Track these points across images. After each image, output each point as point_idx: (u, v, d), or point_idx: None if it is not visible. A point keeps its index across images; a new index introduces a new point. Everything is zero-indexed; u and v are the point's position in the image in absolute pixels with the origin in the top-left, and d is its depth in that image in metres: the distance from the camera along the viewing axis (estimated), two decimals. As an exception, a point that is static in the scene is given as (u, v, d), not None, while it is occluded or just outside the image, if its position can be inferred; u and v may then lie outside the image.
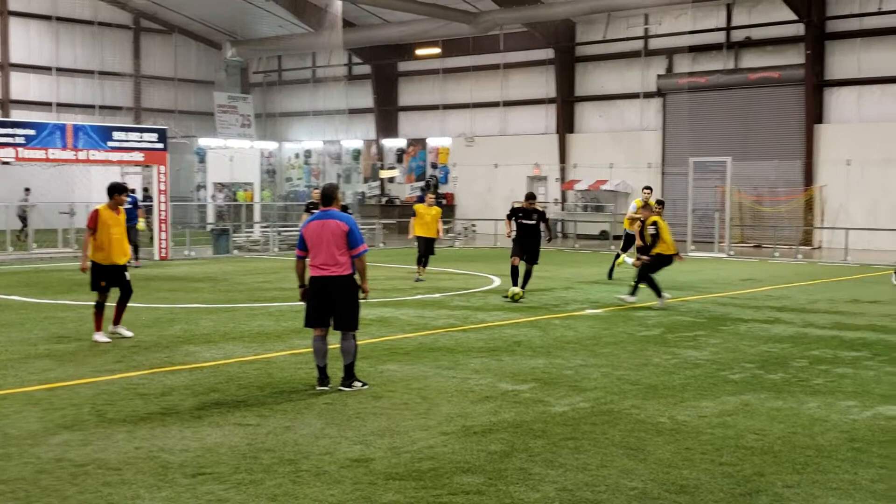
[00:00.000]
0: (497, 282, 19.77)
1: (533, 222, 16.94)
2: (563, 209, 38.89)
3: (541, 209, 17.51)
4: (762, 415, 8.17)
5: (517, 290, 16.35)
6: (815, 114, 32.71)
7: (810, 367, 10.42)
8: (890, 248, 26.88)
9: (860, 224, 29.61)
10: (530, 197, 17.27)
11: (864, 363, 10.72)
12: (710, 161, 30.99)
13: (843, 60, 32.55)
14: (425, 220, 20.08)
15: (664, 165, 36.37)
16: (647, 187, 20.32)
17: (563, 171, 39.32)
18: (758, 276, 20.84)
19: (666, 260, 16.01)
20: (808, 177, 32.64)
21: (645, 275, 15.74)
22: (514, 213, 17.12)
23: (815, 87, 32.57)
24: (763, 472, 6.46)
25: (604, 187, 36.86)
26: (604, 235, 35.92)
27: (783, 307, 15.80)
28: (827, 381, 9.69)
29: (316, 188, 23.35)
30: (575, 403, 8.53)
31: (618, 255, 20.38)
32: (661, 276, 16.07)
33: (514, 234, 17.01)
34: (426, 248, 20.03)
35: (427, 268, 20.10)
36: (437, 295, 17.31)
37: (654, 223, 15.80)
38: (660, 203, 18.11)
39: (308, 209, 19.37)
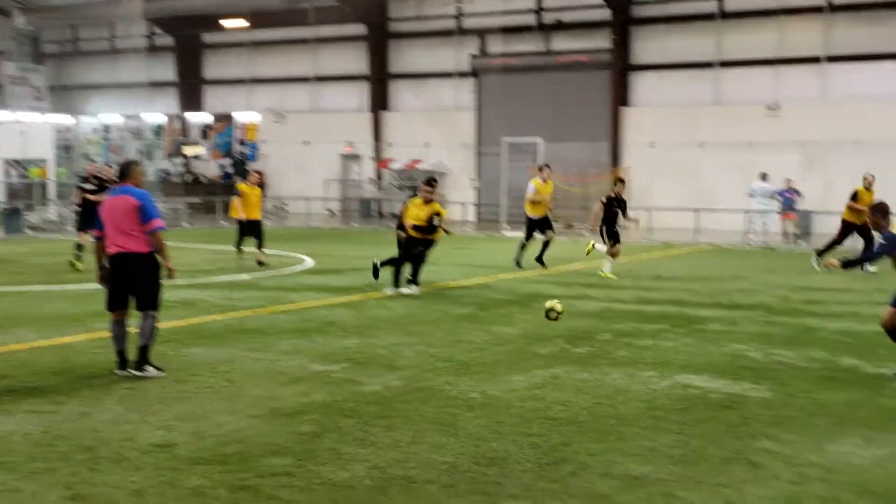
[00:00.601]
0: (309, 262, 19.64)
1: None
2: (378, 189, 39.04)
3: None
4: (569, 387, 8.53)
5: None
6: (621, 97, 34.27)
7: (615, 340, 10.96)
8: (690, 226, 28.52)
9: (664, 204, 31.26)
10: (430, 182, 15.45)
11: (664, 335, 11.37)
12: (523, 142, 31.91)
13: (647, 45, 34.21)
14: (251, 200, 18.88)
15: (479, 145, 37.13)
16: (546, 165, 20.19)
17: (377, 149, 39.46)
18: (568, 255, 21.66)
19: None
20: (615, 158, 34.18)
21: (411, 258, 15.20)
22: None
23: (620, 70, 34.10)
24: (569, 442, 6.76)
25: (419, 167, 37.24)
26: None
27: (591, 284, 16.50)
28: (630, 353, 10.22)
29: (95, 164, 22.15)
30: (387, 382, 8.63)
31: (523, 245, 19.23)
32: (476, 257, 16.42)
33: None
34: (251, 231, 18.82)
35: (261, 250, 18.69)
36: (247, 276, 17.04)
37: (438, 213, 15.22)
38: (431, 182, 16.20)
39: (83, 187, 17.87)
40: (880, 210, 9.19)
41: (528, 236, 19.42)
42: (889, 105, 29.75)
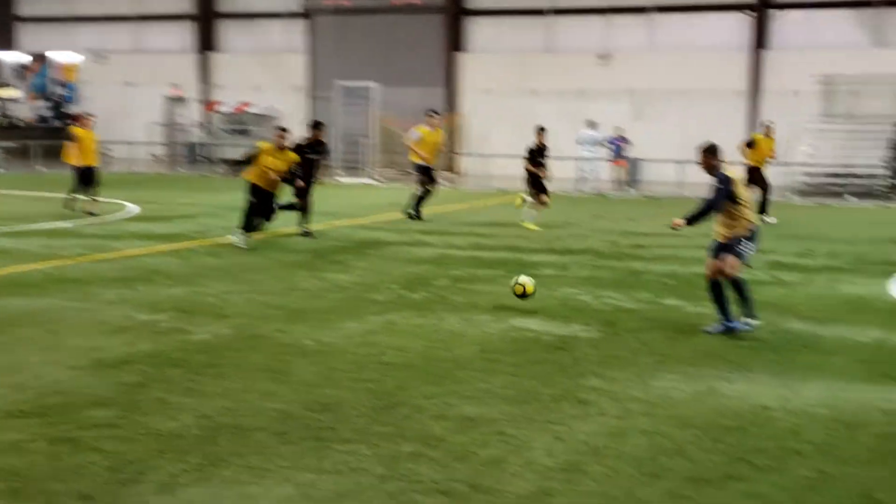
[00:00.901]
0: (133, 209, 18.97)
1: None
2: (206, 133, 37.93)
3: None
4: (405, 332, 8.61)
5: None
6: (456, 42, 34.41)
7: (451, 286, 11.12)
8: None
9: (501, 151, 31.75)
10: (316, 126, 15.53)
11: (500, 280, 11.61)
12: (357, 86, 31.63)
13: (481, -10, 34.40)
14: (86, 144, 18.00)
15: (313, 89, 36.57)
16: (434, 111, 19.38)
17: (204, 92, 38.27)
18: (404, 201, 21.73)
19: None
20: (451, 104, 34.38)
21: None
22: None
23: (454, 15, 34.20)
24: (404, 386, 6.83)
25: (249, 110, 36.37)
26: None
27: (428, 230, 16.64)
28: (465, 298, 10.39)
29: None
30: (217, 331, 8.47)
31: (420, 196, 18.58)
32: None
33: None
34: (87, 178, 17.99)
35: (94, 199, 18.01)
36: (68, 223, 16.31)
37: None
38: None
39: None
40: (712, 151, 8.95)
41: (428, 182, 18.73)
42: (715, 55, 31.08)
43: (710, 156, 8.79)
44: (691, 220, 8.81)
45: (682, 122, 29.98)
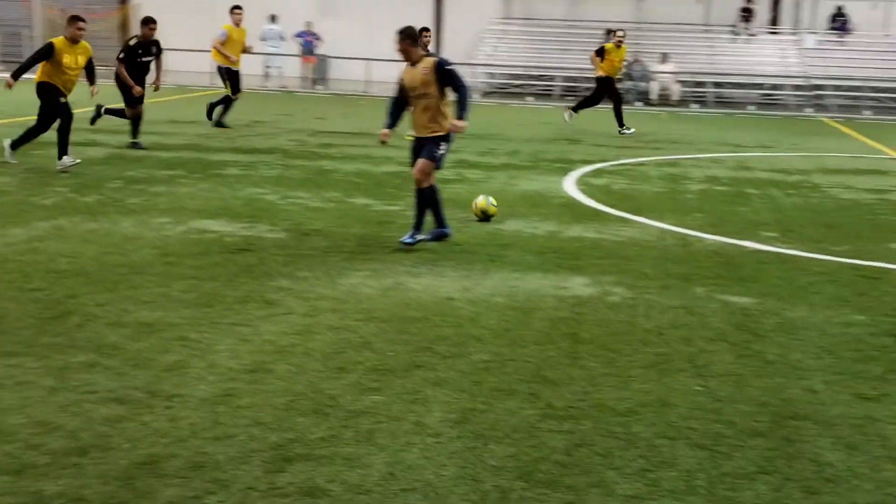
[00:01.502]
0: None
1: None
2: None
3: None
4: (75, 238, 8.15)
5: None
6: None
7: (125, 188, 10.63)
8: (207, 69, 28.15)
9: (177, 44, 30.37)
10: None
11: (180, 181, 11.24)
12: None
13: None
14: None
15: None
16: (238, 7, 17.27)
17: None
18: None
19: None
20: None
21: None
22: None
23: None
24: (75, 294, 6.48)
25: None
26: None
27: (99, 129, 15.66)
28: (142, 200, 9.98)
29: None
30: None
31: (226, 101, 17.09)
32: None
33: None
34: None
35: None
36: None
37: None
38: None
39: None
40: (410, 36, 8.19)
41: (234, 90, 17.02)
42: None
43: (406, 41, 8.17)
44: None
45: (368, 20, 30.14)
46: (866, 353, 5.90)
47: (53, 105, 11.61)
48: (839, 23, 31.34)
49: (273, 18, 28.19)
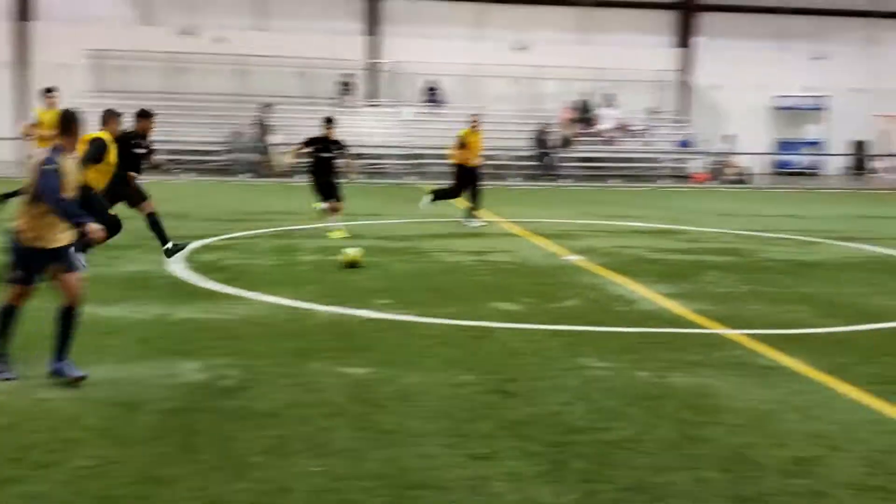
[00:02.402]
0: None
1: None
2: None
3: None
4: None
5: None
6: None
7: None
8: None
9: None
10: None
11: None
12: None
13: None
14: None
15: None
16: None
17: None
18: None
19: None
20: None
21: None
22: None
23: None
24: None
25: None
26: None
27: None
28: None
29: None
30: None
31: None
32: None
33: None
34: None
35: None
36: None
37: None
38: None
39: None
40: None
41: None
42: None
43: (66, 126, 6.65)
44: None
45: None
46: (477, 412, 6.18)
47: None
48: (432, 96, 33.62)
49: None
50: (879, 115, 35.49)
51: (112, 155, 11.35)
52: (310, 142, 15.59)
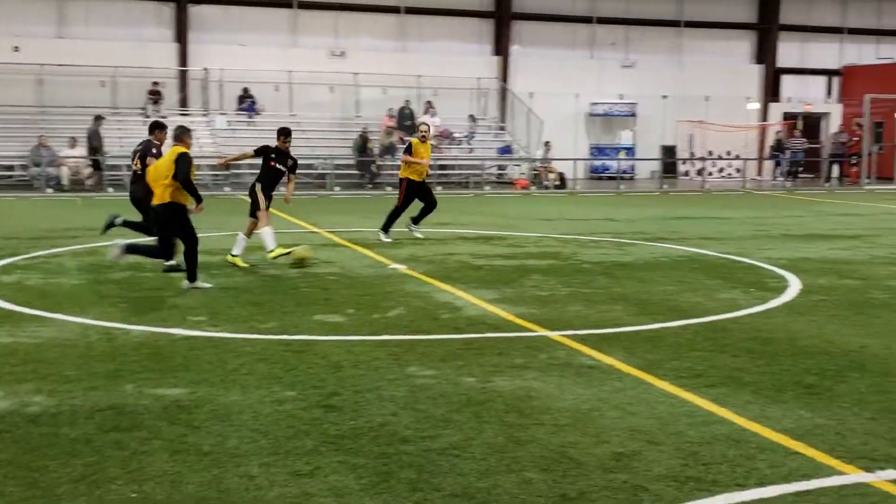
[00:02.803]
0: None
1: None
2: None
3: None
4: None
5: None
6: None
7: None
8: None
9: None
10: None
11: None
12: None
13: None
14: None
15: None
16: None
17: None
18: None
19: None
20: None
21: None
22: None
23: None
24: None
25: None
26: None
27: None
28: None
29: None
30: None
31: None
32: None
33: None
34: None
35: None
36: None
37: None
38: None
39: None
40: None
41: None
42: None
43: None
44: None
45: None
46: (299, 429, 6.11)
47: None
48: (247, 104, 33.12)
49: None
50: (683, 120, 37.23)
51: None
52: (262, 151, 14.43)
